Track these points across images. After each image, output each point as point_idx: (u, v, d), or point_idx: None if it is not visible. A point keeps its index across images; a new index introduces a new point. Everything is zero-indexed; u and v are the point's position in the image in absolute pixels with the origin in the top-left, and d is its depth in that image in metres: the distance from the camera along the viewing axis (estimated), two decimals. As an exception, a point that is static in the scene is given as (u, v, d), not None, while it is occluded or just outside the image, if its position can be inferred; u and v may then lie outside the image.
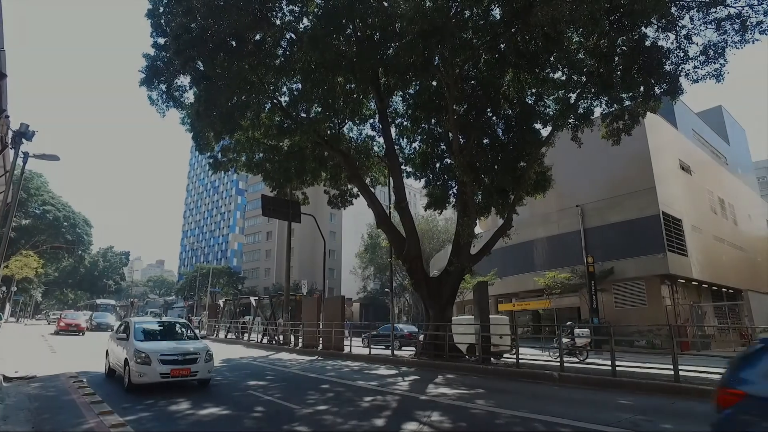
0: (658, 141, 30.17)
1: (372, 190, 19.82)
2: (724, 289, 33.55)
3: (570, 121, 15.70)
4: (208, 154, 19.56)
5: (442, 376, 13.02)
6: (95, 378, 11.76)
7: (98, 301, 58.49)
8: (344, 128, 19.57)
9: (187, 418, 7.52)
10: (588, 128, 15.98)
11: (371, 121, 19.83)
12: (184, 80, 16.52)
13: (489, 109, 17.16)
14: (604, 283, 28.00)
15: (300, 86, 17.26)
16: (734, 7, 12.47)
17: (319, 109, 17.79)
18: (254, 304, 34.21)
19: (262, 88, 16.45)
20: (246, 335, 29.40)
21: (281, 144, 19.59)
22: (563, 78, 15.99)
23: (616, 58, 14.13)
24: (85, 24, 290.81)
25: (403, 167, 19.12)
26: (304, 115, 17.85)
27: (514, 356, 13.92)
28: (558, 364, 12.70)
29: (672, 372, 10.74)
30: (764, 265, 42.42)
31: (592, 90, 15.12)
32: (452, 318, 17.90)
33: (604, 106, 15.56)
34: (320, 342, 21.38)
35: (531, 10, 11.82)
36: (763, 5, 12.15)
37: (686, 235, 29.33)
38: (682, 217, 29.43)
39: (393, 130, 18.96)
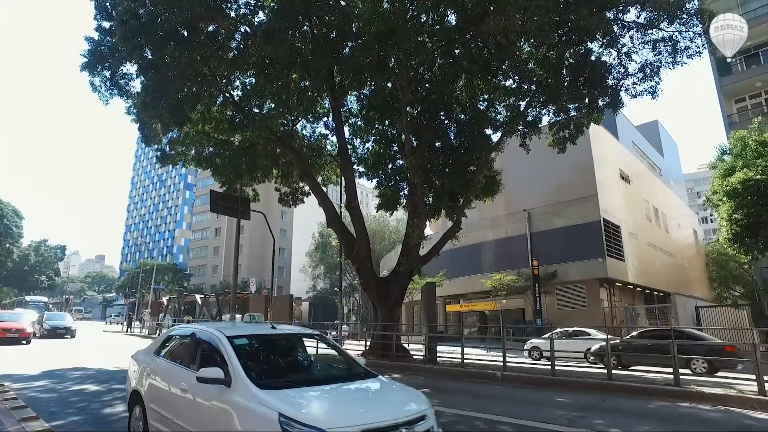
0: (600, 151, 31.62)
1: (324, 189, 19.71)
2: (655, 292, 35.61)
3: (519, 128, 16.22)
4: (156, 146, 18.81)
5: (389, 376, 13.08)
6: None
7: (27, 299, 55.00)
8: (297, 126, 19.35)
9: None
10: (536, 135, 16.56)
11: (325, 119, 19.71)
12: (130, 68, 15.78)
13: (442, 113, 17.45)
14: (548, 286, 29.08)
15: (253, 81, 16.92)
16: (667, 31, 13.36)
17: (273, 105, 17.49)
18: (200, 302, 33.28)
19: (214, 80, 16.00)
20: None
21: (232, 139, 19.13)
22: (514, 86, 16.50)
23: (564, 70, 14.70)
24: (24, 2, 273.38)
25: (355, 167, 19.12)
26: (256, 111, 17.51)
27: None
28: (501, 363, 13.09)
29: (605, 371, 11.31)
30: (690, 270, 45.32)
31: (541, 99, 15.67)
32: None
33: (551, 115, 16.14)
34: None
35: (484, 18, 12.12)
36: (689, 32, 13.11)
37: (624, 241, 30.92)
38: (620, 223, 30.99)
39: (346, 129, 18.94)
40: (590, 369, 12.32)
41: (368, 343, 17.77)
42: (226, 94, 17.26)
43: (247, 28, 15.73)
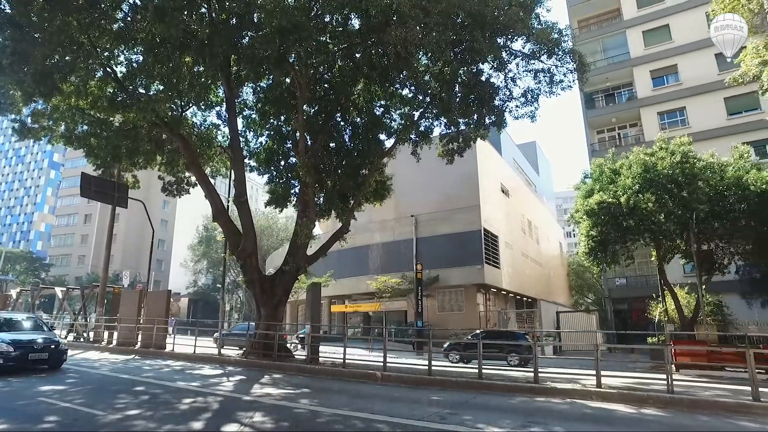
0: (485, 164, 33.84)
1: (212, 180, 18.84)
2: (525, 298, 38.92)
3: (412, 136, 16.83)
4: (14, 116, 16.55)
5: (269, 376, 12.90)
6: None
7: None
8: (187, 112, 18.27)
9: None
10: (427, 145, 17.30)
11: (218, 108, 18.86)
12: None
13: (338, 115, 17.57)
14: (430, 289, 30.46)
15: (141, 59, 15.63)
16: (546, 64, 14.79)
17: (161, 88, 16.33)
18: (60, 296, 29.84)
19: (94, 52, 14.51)
20: (45, 331, 25.42)
21: (112, 119, 17.50)
22: (410, 95, 17.11)
23: (457, 86, 15.55)
24: None
25: (246, 161, 18.55)
26: (142, 91, 16.23)
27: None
28: (382, 363, 13.47)
29: (477, 370, 12.16)
30: (555, 278, 50.23)
31: (434, 111, 16.42)
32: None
33: (442, 127, 16.95)
34: (139, 339, 19.55)
35: (386, 27, 12.45)
36: (564, 67, 14.65)
37: (501, 250, 33.40)
38: (498, 234, 33.42)
39: (240, 121, 18.30)
40: (465, 369, 13.13)
41: (250, 343, 17.25)
42: (108, 69, 15.75)
43: (137, 1, 14.53)
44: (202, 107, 18.43)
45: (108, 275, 24.05)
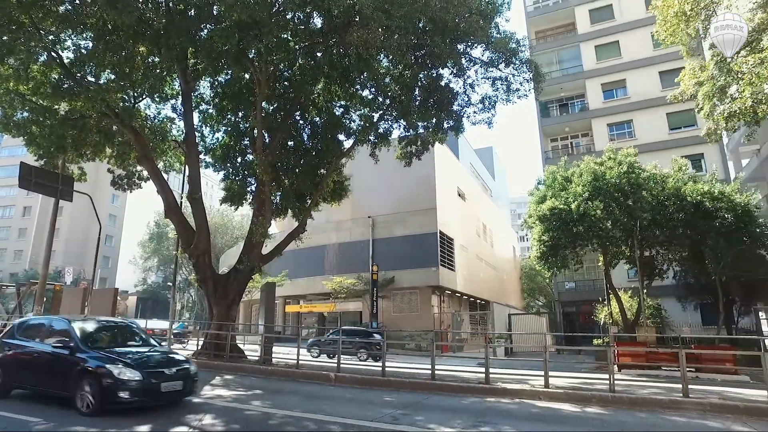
0: (442, 168, 34.30)
1: (165, 175, 18.23)
2: (478, 300, 39.69)
3: (371, 137, 16.84)
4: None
5: (221, 378, 12.61)
6: None
7: None
8: (141, 104, 17.60)
9: None
10: (386, 147, 17.39)
11: (173, 101, 18.25)
12: None
13: (298, 113, 17.40)
14: (386, 291, 30.58)
15: (90, 45, 14.91)
16: (504, 72, 15.18)
17: (113, 77, 15.66)
18: (-8, 293, 28.09)
19: (37, 34, 13.67)
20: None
21: (57, 107, 16.58)
22: (370, 97, 17.13)
23: (417, 90, 15.71)
24: None
25: (202, 157, 18.07)
26: (92, 79, 15.50)
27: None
28: (335, 364, 13.42)
29: (430, 371, 12.30)
30: (508, 281, 51.49)
31: (393, 113, 16.52)
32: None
33: (401, 129, 17.06)
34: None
35: (348, 28, 12.45)
36: (520, 77, 15.08)
37: (456, 252, 33.92)
38: (454, 237, 33.94)
39: (196, 116, 17.79)
40: (418, 370, 13.25)
41: (200, 343, 16.79)
42: (53, 54, 14.91)
43: (87, -17, 13.82)
44: (157, 99, 17.80)
45: (48, 272, 22.83)
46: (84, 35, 15.09)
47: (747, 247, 19.71)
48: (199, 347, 16.41)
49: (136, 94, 16.66)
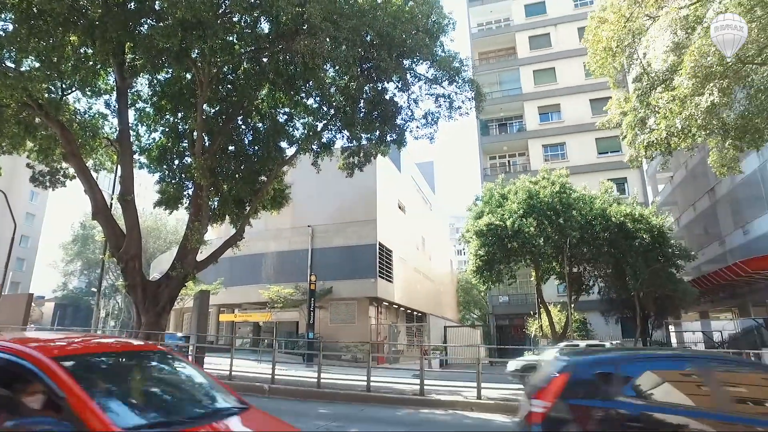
0: (384, 180, 34.61)
1: (94, 174, 17.20)
2: (415, 312, 40.16)
3: (314, 146, 16.78)
4: None
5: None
6: None
7: None
8: (70, 96, 16.55)
9: None
10: (328, 157, 17.36)
11: (107, 97, 17.29)
12: None
13: (240, 118, 17.06)
14: (323, 301, 30.30)
15: (11, 28, 13.82)
16: (447, 90, 15.66)
17: (37, 65, 14.61)
18: None
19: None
20: None
21: (-32, 93, 15.25)
22: (315, 106, 17.09)
23: (362, 102, 15.84)
24: None
25: (136, 157, 17.25)
26: (11, 65, 14.37)
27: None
28: (270, 375, 13.12)
29: (366, 383, 12.30)
30: (444, 294, 52.51)
31: (337, 124, 16.55)
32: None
33: (345, 140, 17.14)
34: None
35: (296, 36, 12.40)
36: (463, 95, 15.63)
37: (394, 264, 34.22)
38: (393, 248, 34.25)
39: (132, 113, 16.97)
40: (354, 382, 13.21)
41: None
42: (-36, 35, 13.66)
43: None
44: (88, 93, 16.80)
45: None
46: (3, 17, 13.96)
47: (661, 265, 21.31)
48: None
49: (64, 86, 15.65)
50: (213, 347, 24.10)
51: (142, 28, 13.81)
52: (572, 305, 23.34)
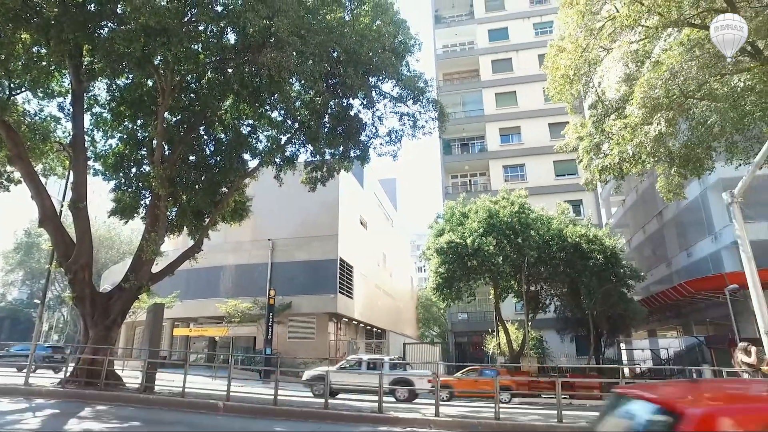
0: (346, 195, 34.60)
1: (43, 180, 16.45)
2: (375, 329, 39.99)
3: (277, 160, 16.65)
4: None
5: (92, 408, 11.37)
6: None
7: None
8: (19, 97, 15.84)
9: None
10: (291, 171, 17.25)
11: (61, 99, 16.63)
12: None
13: (203, 128, 16.80)
14: (282, 316, 29.80)
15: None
16: (411, 109, 15.96)
17: (-19, 61, 13.90)
18: None
19: None
20: None
21: None
22: (279, 119, 17.03)
23: (326, 117, 15.90)
24: None
25: (91, 163, 16.61)
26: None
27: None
28: (225, 392, 12.73)
29: (323, 400, 12.11)
30: (404, 311, 52.60)
31: (302, 138, 16.53)
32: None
33: (308, 154, 17.11)
34: None
35: (262, 49, 12.37)
36: (426, 115, 15.94)
37: (355, 280, 34.08)
38: (354, 264, 34.14)
39: (88, 118, 16.38)
40: (311, 399, 13.00)
41: (70, 369, 15.01)
42: None
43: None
44: (40, 95, 16.10)
45: None
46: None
47: (613, 285, 22.10)
48: (68, 374, 14.66)
49: (13, 86, 14.98)
50: (166, 363, 23.23)
51: (102, 31, 13.45)
52: (529, 323, 23.82)
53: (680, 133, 12.63)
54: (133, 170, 17.16)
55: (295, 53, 12.30)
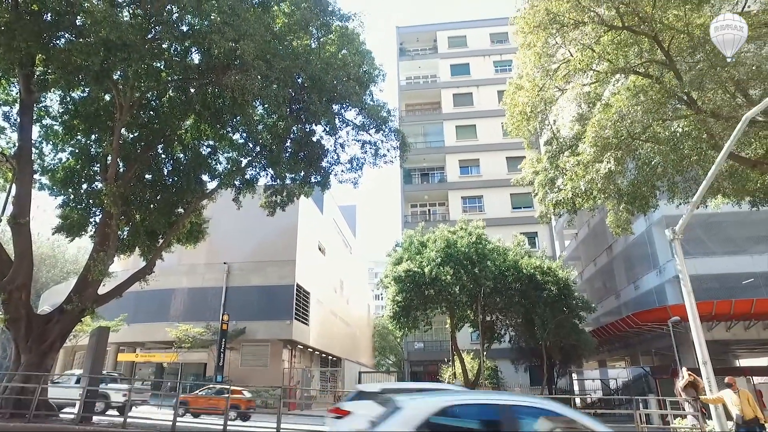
0: (305, 221, 34.27)
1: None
2: (330, 357, 39.29)
3: (236, 182, 16.43)
4: None
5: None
6: None
7: None
8: (-44, 103, 15.08)
9: None
10: (250, 194, 17.03)
11: (6, 109, 15.87)
12: None
13: (161, 146, 16.44)
14: (235, 342, 28.89)
15: None
16: (373, 137, 16.19)
17: None
18: None
19: None
20: None
21: None
22: (240, 141, 16.89)
23: (288, 141, 15.89)
24: None
25: (37, 177, 15.86)
26: None
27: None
28: (170, 422, 12.16)
29: (275, 430, 11.75)
30: (360, 339, 52.03)
31: (262, 161, 16.41)
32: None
33: (268, 178, 16.96)
34: None
35: (227, 71, 12.33)
36: (388, 144, 16.22)
37: (312, 307, 33.56)
38: (311, 290, 33.68)
39: (37, 129, 15.70)
40: (262, 429, 12.56)
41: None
42: None
43: None
44: (-17, 103, 15.40)
45: None
46: None
47: (565, 316, 22.67)
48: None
49: (-47, 91, 14.28)
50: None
51: (58, 42, 13.05)
52: (485, 353, 24.01)
53: (628, 172, 13.34)
54: (84, 186, 16.52)
55: (259, 77, 12.31)
